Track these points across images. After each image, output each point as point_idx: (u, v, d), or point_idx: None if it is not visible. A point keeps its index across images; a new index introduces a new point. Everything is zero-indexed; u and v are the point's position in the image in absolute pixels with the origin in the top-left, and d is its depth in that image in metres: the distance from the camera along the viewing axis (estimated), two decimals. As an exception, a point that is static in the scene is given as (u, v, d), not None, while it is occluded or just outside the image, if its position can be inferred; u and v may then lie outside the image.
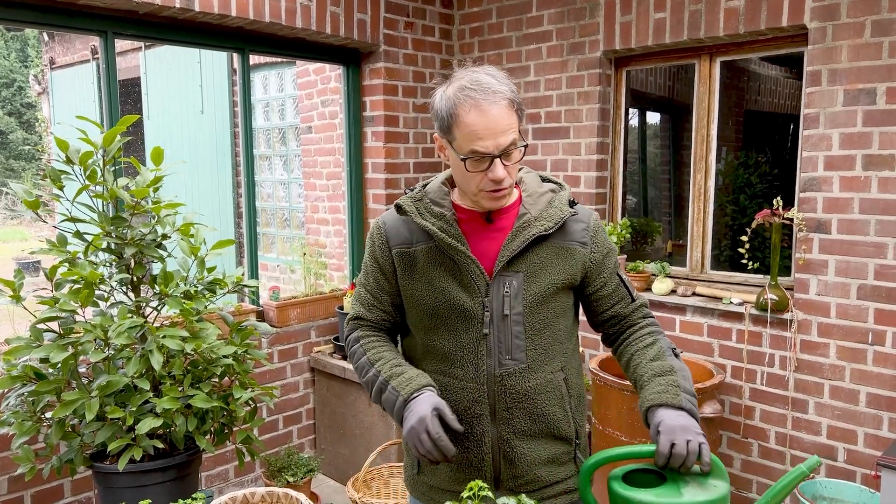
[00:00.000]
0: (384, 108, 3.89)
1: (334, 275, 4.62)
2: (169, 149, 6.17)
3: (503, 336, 1.49)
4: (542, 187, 1.58)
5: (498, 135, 1.39)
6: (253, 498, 1.52)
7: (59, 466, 1.98)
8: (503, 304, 1.48)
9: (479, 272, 1.48)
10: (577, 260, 1.54)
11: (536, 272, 1.50)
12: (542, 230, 1.49)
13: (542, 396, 1.52)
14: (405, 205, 1.55)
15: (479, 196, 1.47)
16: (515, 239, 1.49)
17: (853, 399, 2.95)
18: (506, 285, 1.49)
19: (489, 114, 1.38)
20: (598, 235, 1.58)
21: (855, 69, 2.83)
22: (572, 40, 3.67)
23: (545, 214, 1.51)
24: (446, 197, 1.56)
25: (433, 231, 1.49)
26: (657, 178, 6.10)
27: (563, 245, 1.53)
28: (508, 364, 1.49)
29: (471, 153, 1.40)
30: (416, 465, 1.63)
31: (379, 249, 1.59)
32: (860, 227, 2.87)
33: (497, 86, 1.41)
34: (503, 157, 1.41)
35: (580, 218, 1.57)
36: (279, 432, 3.72)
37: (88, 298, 1.92)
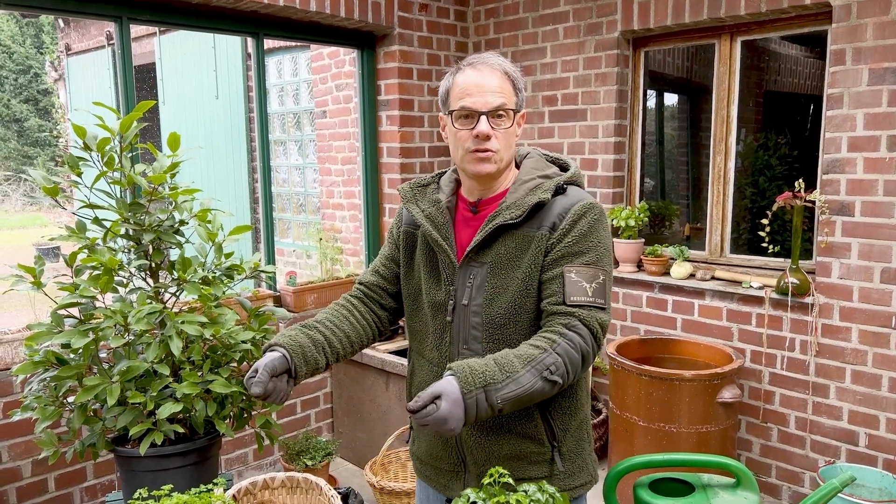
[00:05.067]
0: (399, 92, 3.86)
1: (350, 260, 4.63)
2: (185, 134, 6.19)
3: (463, 326, 1.50)
4: (532, 174, 1.51)
5: (486, 93, 1.42)
6: (273, 483, 1.53)
7: (82, 450, 2.00)
8: (464, 294, 1.49)
9: (448, 261, 1.51)
10: (542, 247, 1.44)
11: (502, 264, 1.47)
12: (508, 219, 1.44)
13: None
14: (402, 190, 1.62)
15: (465, 161, 1.48)
16: (483, 229, 1.48)
17: (875, 384, 2.92)
18: (471, 275, 1.49)
19: (482, 73, 1.44)
20: (572, 221, 1.44)
21: (881, 47, 2.77)
22: (589, 21, 3.62)
23: (518, 203, 1.46)
24: (452, 184, 1.60)
25: (418, 217, 1.54)
26: (675, 160, 6.03)
27: (531, 234, 1.46)
28: (465, 353, 1.50)
29: (459, 108, 1.44)
30: (409, 435, 1.72)
31: (395, 225, 1.68)
32: (885, 210, 2.82)
33: (495, 58, 1.48)
34: (492, 118, 1.43)
35: (566, 203, 1.46)
36: (297, 416, 3.75)
37: (108, 284, 1.93)
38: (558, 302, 1.40)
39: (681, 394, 2.94)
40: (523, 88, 1.51)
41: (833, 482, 1.28)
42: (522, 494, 1.09)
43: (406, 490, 2.82)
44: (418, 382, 1.61)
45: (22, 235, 12.33)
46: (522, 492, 1.10)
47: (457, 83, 1.46)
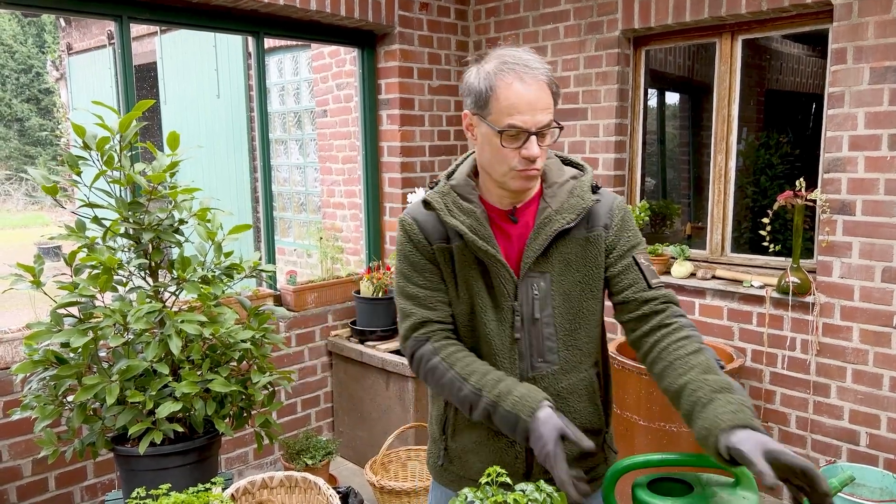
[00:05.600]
0: (399, 91, 3.86)
1: (351, 259, 4.63)
2: (186, 133, 6.17)
3: (534, 339, 1.45)
4: (562, 174, 1.50)
5: (537, 111, 1.35)
6: (272, 482, 1.53)
7: (82, 449, 2.00)
8: (533, 308, 1.44)
9: (508, 276, 1.44)
10: (601, 246, 1.47)
11: (563, 270, 1.45)
12: (565, 224, 1.42)
13: (574, 395, 1.49)
14: (433, 201, 1.47)
15: (507, 176, 1.40)
16: (538, 237, 1.43)
17: (876, 383, 2.91)
18: (534, 287, 1.44)
19: (531, 88, 1.35)
20: (621, 218, 1.49)
21: (882, 46, 2.76)
22: (590, 19, 3.61)
23: (566, 206, 1.44)
24: (474, 191, 1.48)
25: (463, 231, 1.43)
26: (676, 159, 6.03)
27: (587, 236, 1.46)
28: (540, 366, 1.46)
29: (508, 126, 1.34)
30: (443, 457, 1.60)
31: (420, 245, 1.50)
32: (886, 209, 2.81)
33: (537, 63, 1.39)
34: (538, 136, 1.36)
35: (604, 201, 1.49)
36: (298, 415, 3.75)
37: (107, 283, 1.93)
38: (644, 288, 1.45)
39: (681, 393, 2.93)
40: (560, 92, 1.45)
41: (832, 482, 1.27)
42: (520, 494, 1.09)
43: (406, 489, 2.82)
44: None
45: (24, 235, 12.34)
46: (520, 491, 1.10)
47: (501, 94, 1.35)
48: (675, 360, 1.37)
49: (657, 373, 1.40)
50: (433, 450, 1.64)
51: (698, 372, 1.32)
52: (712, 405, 1.25)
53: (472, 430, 1.54)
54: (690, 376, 1.32)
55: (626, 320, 1.48)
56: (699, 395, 1.28)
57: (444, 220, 1.44)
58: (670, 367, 1.37)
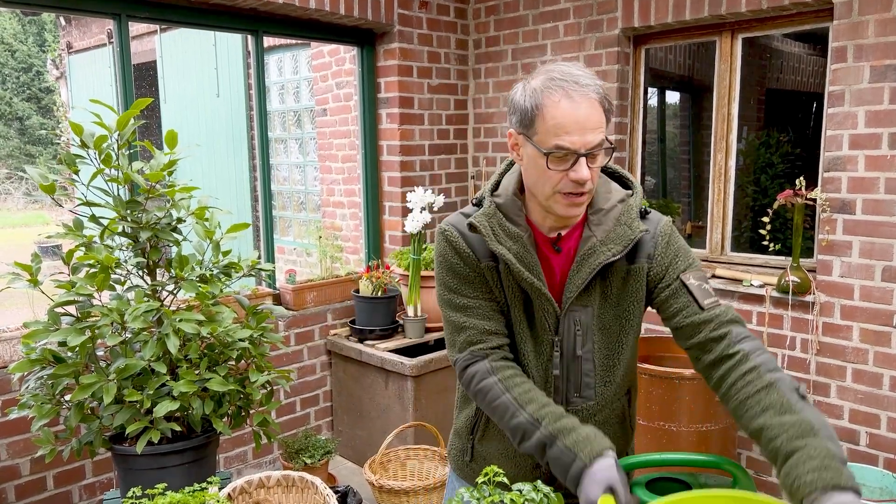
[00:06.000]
0: (399, 90, 3.85)
1: (350, 258, 4.62)
2: (185, 132, 6.16)
3: (573, 375, 1.41)
4: (609, 198, 1.41)
5: (587, 131, 1.25)
6: (269, 482, 1.53)
7: (79, 448, 2.00)
8: (574, 343, 1.39)
9: (551, 309, 1.38)
10: (642, 279, 1.40)
11: (603, 303, 1.40)
12: (610, 256, 1.35)
13: (606, 425, 1.47)
14: (480, 225, 1.38)
15: (552, 200, 1.32)
16: (581, 270, 1.36)
17: (876, 382, 2.91)
18: (576, 322, 1.38)
19: (580, 107, 1.26)
20: (665, 243, 1.40)
21: (882, 44, 2.75)
22: (590, 18, 3.61)
23: (612, 236, 1.36)
24: (521, 213, 1.40)
25: (509, 260, 1.35)
26: (676, 158, 6.02)
27: (629, 268, 1.40)
28: (576, 402, 1.43)
29: (555, 148, 1.26)
30: (470, 454, 1.57)
31: (468, 260, 1.43)
32: (886, 208, 2.81)
33: (588, 80, 1.29)
34: (588, 157, 1.27)
35: (651, 228, 1.40)
36: (297, 414, 3.75)
37: (104, 282, 1.93)
38: (695, 311, 1.34)
39: (681, 392, 2.93)
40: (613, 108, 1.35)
41: None
42: (517, 494, 1.08)
43: (405, 489, 2.81)
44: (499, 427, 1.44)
45: (24, 233, 12.35)
46: (517, 491, 1.09)
47: (549, 114, 1.26)
48: (745, 398, 1.24)
49: (731, 410, 1.29)
50: (458, 445, 1.61)
51: (773, 414, 1.19)
52: (793, 460, 1.11)
53: (500, 441, 1.50)
54: (765, 420, 1.19)
55: (686, 347, 1.38)
56: (777, 445, 1.15)
57: (491, 247, 1.37)
58: (742, 406, 1.25)
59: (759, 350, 1.29)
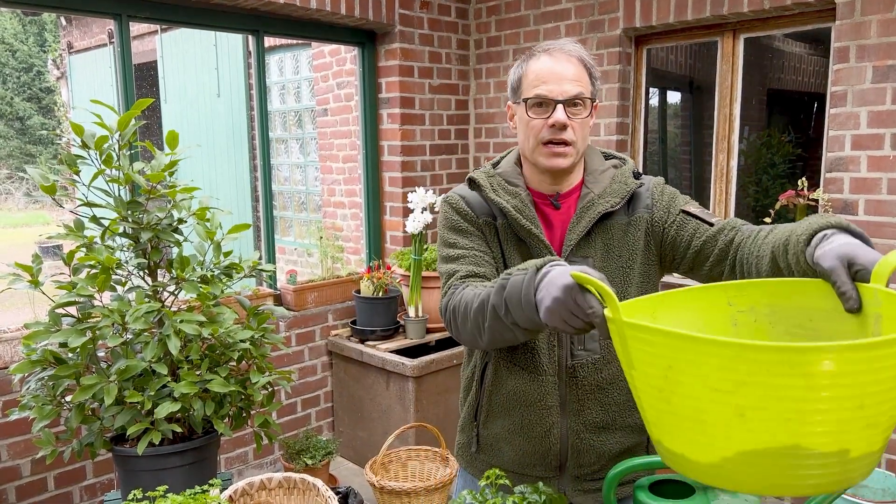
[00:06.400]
0: (400, 90, 3.85)
1: (351, 258, 4.62)
2: (186, 132, 6.16)
3: None
4: (603, 164, 1.52)
5: (563, 81, 1.36)
6: (270, 483, 1.52)
7: (80, 450, 1.99)
8: None
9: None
10: (642, 229, 1.45)
11: (606, 255, 1.44)
12: (608, 207, 1.42)
13: (614, 386, 1.45)
14: (479, 179, 1.48)
15: (537, 153, 1.41)
16: (581, 221, 1.42)
17: (879, 383, 2.90)
18: None
19: (558, 60, 1.39)
20: (660, 192, 1.48)
21: (885, 45, 2.74)
22: (591, 18, 3.60)
23: (609, 190, 1.44)
24: (520, 176, 1.49)
25: (507, 210, 1.42)
26: (678, 158, 6.02)
27: (628, 220, 1.46)
28: (581, 354, 1.43)
29: (534, 96, 1.38)
30: (475, 444, 1.58)
31: (467, 216, 1.48)
32: (888, 208, 2.80)
33: (571, 45, 1.42)
34: (568, 107, 1.37)
35: (645, 185, 1.49)
36: (298, 415, 3.74)
37: (105, 283, 1.92)
38: (706, 229, 1.39)
39: (682, 393, 2.92)
40: (598, 78, 1.46)
41: None
42: (519, 496, 1.08)
43: (406, 490, 2.81)
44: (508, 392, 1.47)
45: (25, 233, 12.35)
46: (519, 493, 1.09)
47: (531, 70, 1.41)
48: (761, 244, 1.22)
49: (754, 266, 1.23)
50: (464, 438, 1.62)
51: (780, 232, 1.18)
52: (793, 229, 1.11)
53: (505, 417, 1.50)
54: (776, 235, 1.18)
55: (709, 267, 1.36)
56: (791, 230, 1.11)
57: (490, 197, 1.44)
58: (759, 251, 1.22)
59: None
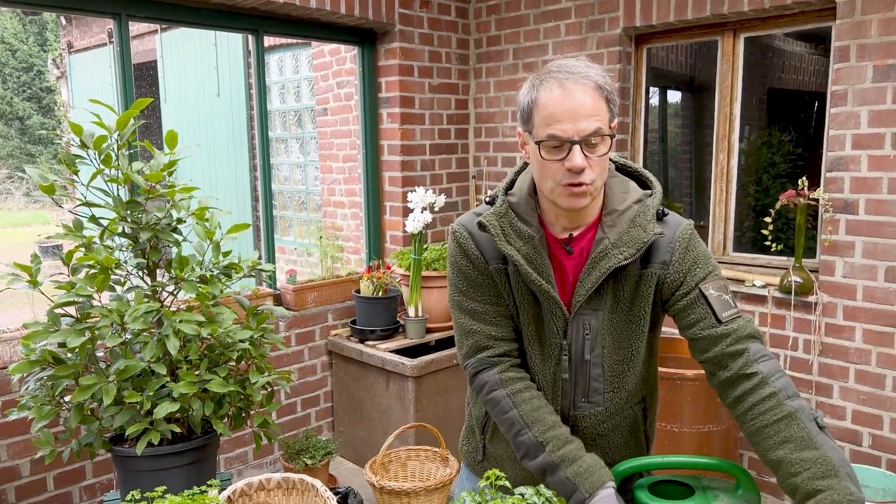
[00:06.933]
0: (400, 89, 3.84)
1: (351, 258, 4.61)
2: (186, 132, 6.14)
3: (581, 379, 1.38)
4: (625, 199, 1.37)
5: (579, 118, 1.23)
6: (269, 484, 1.52)
7: (79, 450, 1.99)
8: (583, 348, 1.36)
9: (560, 312, 1.35)
10: (653, 284, 1.36)
11: (615, 308, 1.36)
12: (622, 260, 1.30)
13: (616, 433, 1.44)
14: (490, 225, 1.36)
15: (555, 194, 1.29)
16: (592, 272, 1.32)
17: (879, 383, 2.89)
18: (585, 326, 1.35)
19: (571, 94, 1.24)
20: (684, 249, 1.34)
21: (885, 44, 2.74)
22: (591, 17, 3.59)
23: (625, 238, 1.32)
24: (534, 213, 1.38)
25: (518, 261, 1.33)
26: (678, 158, 6.01)
27: (641, 272, 1.35)
28: (584, 406, 1.40)
29: (547, 137, 1.25)
30: (482, 454, 1.56)
31: (476, 262, 1.41)
32: (889, 208, 2.79)
33: (585, 69, 1.28)
34: (585, 147, 1.24)
35: (666, 231, 1.35)
36: (297, 415, 3.74)
37: (104, 283, 1.92)
38: (713, 324, 1.29)
39: (683, 393, 2.92)
40: (617, 99, 1.32)
41: None
42: (519, 498, 1.07)
43: (406, 490, 2.80)
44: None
45: (26, 233, 12.35)
46: (519, 495, 1.08)
47: (541, 103, 1.26)
48: (763, 426, 1.22)
49: (747, 435, 1.27)
50: (471, 444, 1.61)
51: (793, 448, 1.17)
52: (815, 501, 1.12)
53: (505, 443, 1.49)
54: (784, 453, 1.18)
55: (701, 361, 1.34)
56: (797, 483, 1.15)
57: (500, 247, 1.34)
58: (759, 434, 1.23)
59: (779, 373, 1.25)
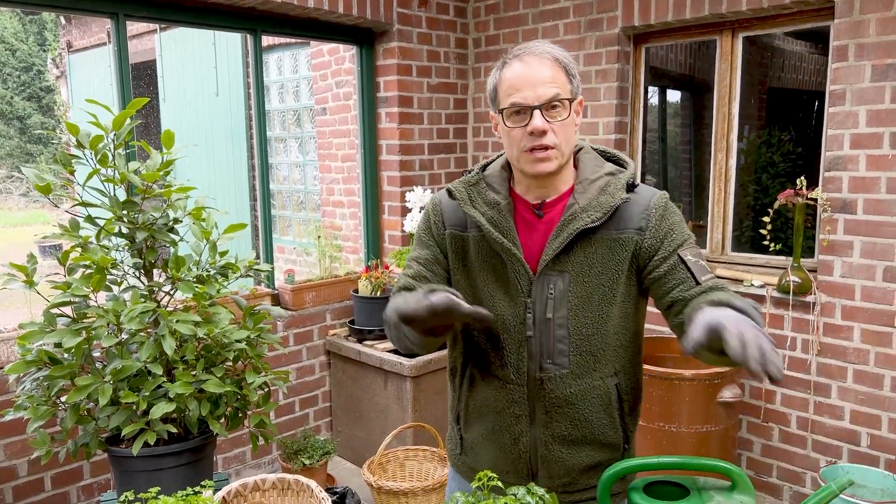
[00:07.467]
0: (398, 89, 3.84)
1: (350, 258, 4.61)
2: (185, 132, 6.14)
3: (545, 340, 1.40)
4: (597, 171, 1.43)
5: (538, 85, 1.32)
6: (264, 484, 1.52)
7: (75, 450, 1.99)
8: (546, 307, 1.39)
9: (523, 271, 1.39)
10: (629, 250, 1.39)
11: (584, 271, 1.39)
12: (588, 222, 1.36)
13: (585, 402, 1.43)
14: (456, 190, 1.46)
15: (522, 161, 1.37)
16: (560, 234, 1.37)
17: (877, 383, 2.89)
18: (550, 286, 1.39)
19: (530, 65, 1.34)
20: (660, 216, 1.39)
21: (883, 43, 2.73)
22: (590, 17, 3.59)
23: (594, 203, 1.37)
24: (505, 183, 1.46)
25: (482, 223, 1.40)
26: (678, 157, 6.00)
27: (616, 237, 1.39)
28: (549, 368, 1.41)
29: (510, 105, 1.35)
30: (460, 446, 1.59)
31: (435, 226, 1.52)
32: (887, 208, 2.79)
33: (544, 45, 1.38)
34: (546, 111, 1.33)
35: (640, 200, 1.40)
36: (296, 415, 3.74)
37: (100, 283, 1.91)
38: (691, 286, 1.34)
39: (681, 393, 2.92)
40: (577, 74, 1.40)
41: (830, 486, 1.25)
42: (511, 498, 1.07)
43: (404, 490, 2.80)
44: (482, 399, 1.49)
45: (26, 233, 12.35)
46: (511, 495, 1.08)
47: (504, 78, 1.37)
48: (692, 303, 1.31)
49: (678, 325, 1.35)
50: (451, 438, 1.64)
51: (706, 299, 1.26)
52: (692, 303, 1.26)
53: (480, 422, 1.51)
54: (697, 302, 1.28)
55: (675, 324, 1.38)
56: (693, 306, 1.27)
57: (465, 209, 1.43)
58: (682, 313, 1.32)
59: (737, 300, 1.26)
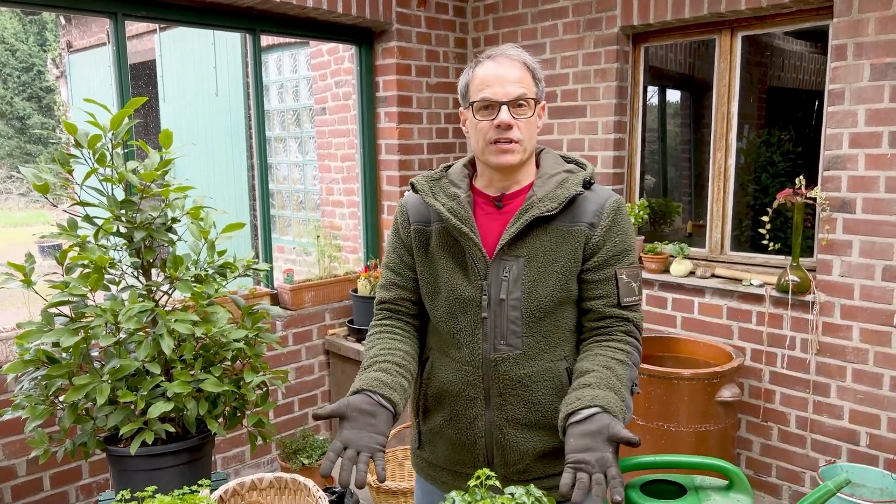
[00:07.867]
0: (397, 88, 3.84)
1: (349, 257, 4.61)
2: (184, 132, 6.14)
3: (499, 321, 1.47)
4: (557, 168, 1.53)
5: (506, 83, 1.43)
6: (261, 484, 1.52)
7: (73, 450, 1.99)
8: (500, 289, 1.46)
9: (480, 255, 1.47)
10: (580, 242, 1.47)
11: (538, 257, 1.46)
12: (544, 211, 1.44)
13: (537, 385, 1.48)
14: (418, 184, 1.56)
15: (487, 153, 1.47)
16: (517, 221, 1.46)
17: (876, 383, 2.89)
18: (505, 269, 1.46)
19: (501, 65, 1.45)
20: (611, 218, 1.47)
21: (882, 42, 2.73)
22: (589, 16, 3.59)
23: (551, 195, 1.46)
24: (466, 178, 1.56)
25: (441, 211, 1.48)
26: (677, 157, 6.00)
27: (569, 228, 1.47)
28: (503, 349, 1.47)
29: (480, 99, 1.45)
30: (418, 441, 1.65)
31: (401, 226, 1.61)
32: (886, 207, 2.79)
33: (515, 50, 1.49)
34: (513, 108, 1.43)
35: (596, 199, 1.49)
36: (295, 414, 3.74)
37: (98, 282, 1.91)
38: (613, 304, 1.47)
39: (680, 393, 2.91)
40: (543, 80, 1.52)
41: (828, 485, 1.26)
42: (508, 497, 1.07)
43: (402, 489, 2.80)
44: (440, 383, 1.56)
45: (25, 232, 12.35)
46: (509, 495, 1.08)
47: (476, 76, 1.47)
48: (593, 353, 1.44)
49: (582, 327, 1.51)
50: (412, 435, 1.69)
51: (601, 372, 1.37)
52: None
53: (438, 409, 1.57)
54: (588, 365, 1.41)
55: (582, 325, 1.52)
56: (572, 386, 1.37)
57: (426, 200, 1.52)
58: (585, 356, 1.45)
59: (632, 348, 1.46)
